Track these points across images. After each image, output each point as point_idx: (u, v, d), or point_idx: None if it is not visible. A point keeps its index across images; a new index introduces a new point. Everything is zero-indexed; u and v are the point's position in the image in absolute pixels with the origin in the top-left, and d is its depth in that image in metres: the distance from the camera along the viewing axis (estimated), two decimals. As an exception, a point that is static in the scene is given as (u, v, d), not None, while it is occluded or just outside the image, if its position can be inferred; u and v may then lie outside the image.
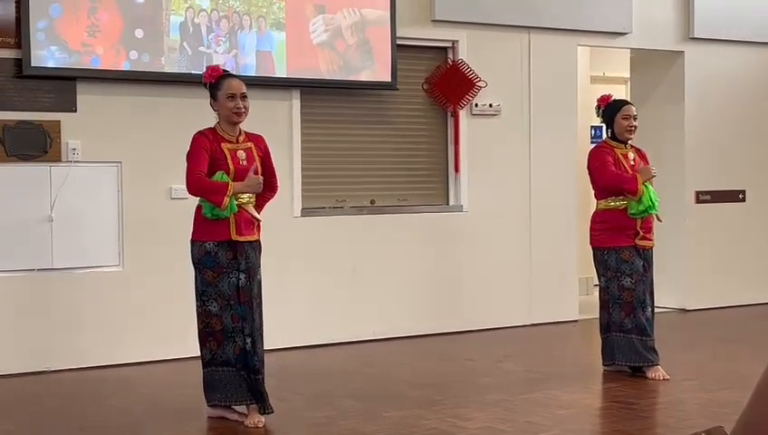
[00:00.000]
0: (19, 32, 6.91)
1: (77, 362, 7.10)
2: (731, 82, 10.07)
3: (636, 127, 6.82)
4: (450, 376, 6.90)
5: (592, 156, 6.82)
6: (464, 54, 8.67)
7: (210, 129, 5.56)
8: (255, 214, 5.53)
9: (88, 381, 6.80)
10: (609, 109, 6.84)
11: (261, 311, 5.53)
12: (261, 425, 5.39)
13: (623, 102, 6.96)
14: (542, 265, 9.01)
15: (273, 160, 5.79)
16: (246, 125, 7.76)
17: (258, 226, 5.58)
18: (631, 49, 9.98)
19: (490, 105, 8.80)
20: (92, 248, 7.22)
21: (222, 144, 5.47)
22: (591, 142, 11.32)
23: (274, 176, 5.79)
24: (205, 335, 5.50)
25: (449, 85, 8.62)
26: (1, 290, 6.95)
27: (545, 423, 5.43)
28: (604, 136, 7.04)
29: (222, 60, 7.53)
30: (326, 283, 8.08)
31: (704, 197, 9.94)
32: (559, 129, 9.13)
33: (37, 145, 7.04)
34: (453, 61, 8.68)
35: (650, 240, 6.77)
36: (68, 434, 5.35)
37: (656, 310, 9.00)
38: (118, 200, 7.30)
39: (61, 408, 6.03)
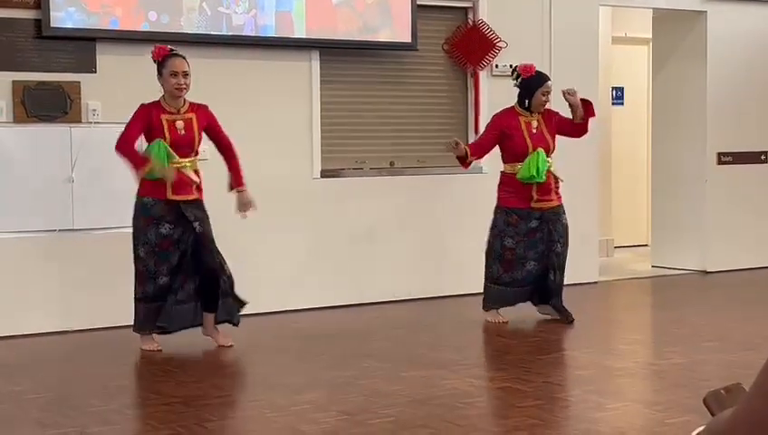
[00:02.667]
0: (38, -8, 6.90)
1: (98, 322, 7.14)
2: (753, 41, 9.96)
3: (548, 102, 7.27)
4: (469, 337, 6.92)
5: (495, 120, 7.31)
6: (484, 15, 8.60)
7: (155, 101, 6.25)
8: (194, 177, 6.24)
9: (109, 340, 6.84)
10: (532, 81, 7.16)
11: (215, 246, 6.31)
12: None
13: (545, 78, 7.26)
14: (561, 227, 8.97)
15: (220, 125, 6.46)
16: (265, 86, 7.76)
17: (198, 187, 6.27)
18: (653, 9, 9.88)
19: (510, 66, 8.72)
20: (113, 209, 7.24)
21: (162, 115, 6.17)
22: (612, 103, 11.26)
23: (225, 138, 6.47)
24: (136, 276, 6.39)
25: (469, 46, 8.57)
26: (22, 250, 6.99)
27: (564, 384, 5.45)
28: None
29: (241, 20, 7.51)
30: (345, 244, 8.08)
31: (725, 158, 9.87)
32: (580, 89, 9.03)
33: (57, 106, 7.05)
34: (473, 21, 8.62)
35: (550, 200, 7.17)
36: (90, 394, 5.40)
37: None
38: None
39: (82, 367, 6.08)
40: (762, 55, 10.01)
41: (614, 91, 11.39)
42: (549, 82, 7.25)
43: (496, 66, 8.67)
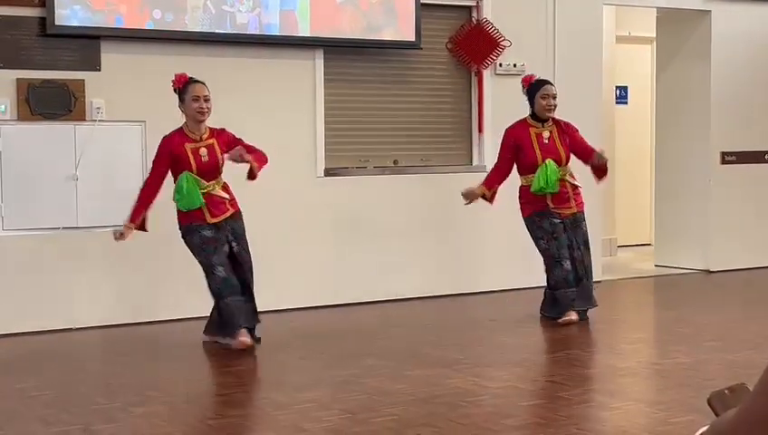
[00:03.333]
0: (43, -10, 6.91)
1: (103, 319, 7.15)
2: (758, 41, 9.96)
3: (555, 105, 7.21)
4: (473, 336, 6.92)
5: (506, 134, 7.36)
6: (488, 13, 8.60)
7: (177, 130, 6.36)
8: (223, 194, 6.40)
9: (113, 337, 6.86)
10: (531, 88, 7.22)
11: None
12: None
13: (543, 82, 7.27)
14: (565, 226, 8.96)
15: (239, 139, 6.54)
16: (269, 85, 7.76)
17: (231, 201, 6.45)
18: (657, 8, 9.87)
19: (514, 65, 8.74)
20: (117, 207, 7.24)
21: (186, 144, 6.31)
22: (616, 103, 11.26)
23: (251, 148, 6.50)
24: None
25: (473, 45, 8.57)
26: (27, 248, 7.00)
27: (567, 383, 5.45)
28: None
29: (245, 19, 7.52)
30: (349, 242, 8.09)
31: (729, 158, 9.87)
32: (584, 89, 9.07)
33: (61, 104, 7.06)
34: (477, 20, 8.62)
35: (568, 208, 7.21)
36: (94, 391, 5.41)
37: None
38: (142, 159, 7.31)
39: (86, 365, 6.09)
40: (766, 54, 10.00)
41: (618, 91, 11.39)
42: (548, 85, 7.27)
43: (500, 65, 8.67)
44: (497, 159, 7.46)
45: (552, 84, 7.33)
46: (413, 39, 8.19)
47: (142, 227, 6.44)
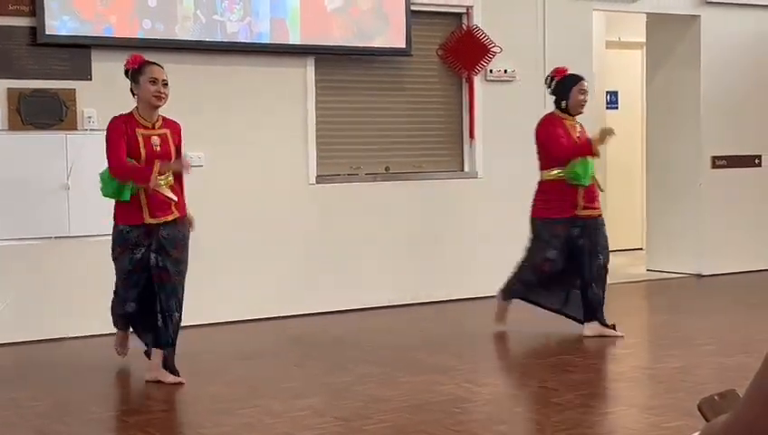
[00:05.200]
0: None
1: (95, 328, 7.14)
2: (747, 46, 9.99)
3: (587, 102, 6.98)
4: (465, 342, 6.92)
5: (543, 127, 6.95)
6: (478, 20, 8.63)
7: (126, 114, 5.77)
8: (170, 195, 5.74)
9: (106, 347, 6.84)
10: (566, 81, 6.91)
11: (177, 287, 5.81)
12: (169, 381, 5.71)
13: (579, 76, 6.99)
14: (557, 232, 8.98)
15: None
16: (260, 93, 7.77)
17: (178, 205, 5.80)
18: (647, 13, 9.90)
19: (505, 71, 8.76)
20: (109, 216, 7.22)
21: (137, 129, 5.70)
22: (607, 108, 11.29)
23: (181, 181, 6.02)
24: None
25: (464, 51, 8.59)
26: (19, 257, 6.99)
27: (560, 388, 5.45)
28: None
29: (236, 27, 7.52)
30: (341, 249, 8.09)
31: (720, 162, 9.90)
32: (574, 94, 9.08)
33: (53, 113, 7.05)
34: (467, 26, 8.64)
35: (595, 208, 6.90)
36: (89, 400, 5.40)
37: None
38: (133, 168, 7.30)
39: (80, 374, 6.08)
40: (755, 59, 10.04)
41: (608, 96, 11.42)
42: (584, 81, 7.01)
43: (491, 71, 8.69)
44: (557, 146, 6.89)
45: (585, 79, 7.08)
46: (404, 46, 8.20)
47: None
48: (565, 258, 6.86)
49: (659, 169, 10.09)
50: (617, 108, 11.67)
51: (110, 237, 5.86)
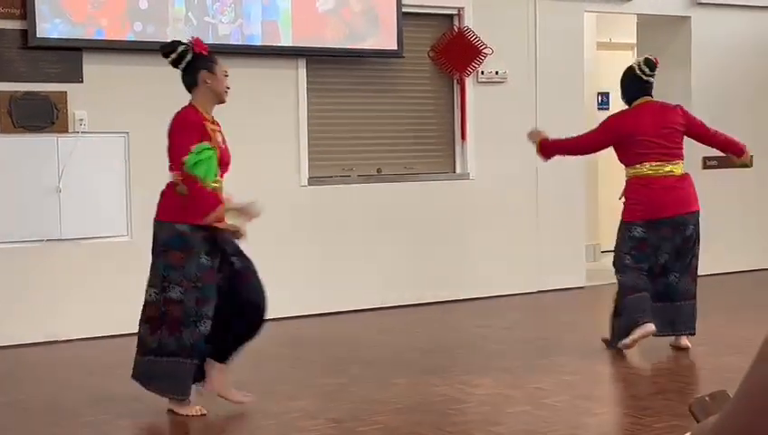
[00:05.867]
0: (24, 2, 6.90)
1: (87, 331, 7.13)
2: (738, 47, 10.02)
3: None
4: (459, 343, 6.93)
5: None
6: (470, 21, 8.64)
7: (189, 106, 5.17)
8: (228, 199, 5.25)
9: (97, 349, 6.84)
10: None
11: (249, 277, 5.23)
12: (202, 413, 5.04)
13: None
14: (549, 233, 9.01)
15: None
16: (252, 95, 7.77)
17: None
18: (638, 14, 9.93)
19: (496, 72, 8.77)
20: (101, 218, 7.24)
21: (205, 123, 5.09)
22: (598, 109, 11.30)
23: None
24: (157, 322, 5.03)
25: (455, 53, 8.60)
26: (11, 260, 6.98)
27: (553, 389, 5.47)
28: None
29: (227, 30, 7.52)
30: (334, 251, 8.09)
31: (711, 162, 9.91)
32: (565, 95, 9.11)
33: (44, 116, 7.04)
34: (459, 28, 8.65)
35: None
36: (82, 404, 5.39)
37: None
38: (125, 170, 7.31)
39: (72, 378, 6.08)
40: (745, 60, 10.07)
41: (600, 97, 11.43)
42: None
43: (482, 73, 8.70)
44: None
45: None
46: (395, 47, 8.21)
47: None
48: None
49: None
50: (608, 109, 11.67)
51: (169, 240, 5.04)
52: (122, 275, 7.26)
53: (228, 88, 5.20)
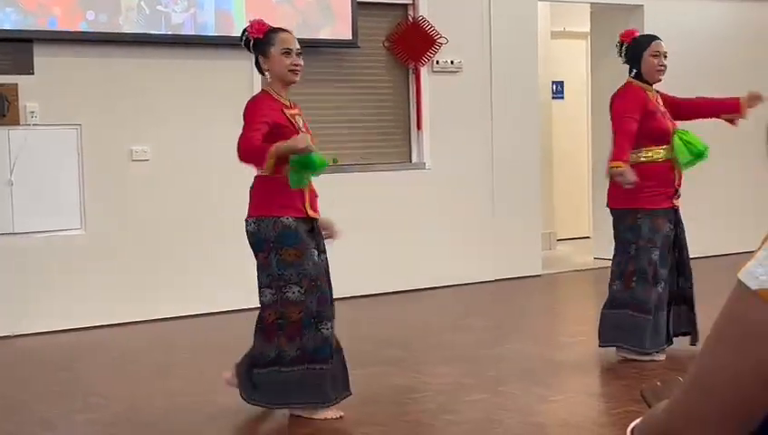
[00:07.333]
0: (-27, -7, 6.80)
1: (40, 326, 7.06)
2: (690, 36, 10.11)
3: (666, 67, 5.95)
4: (415, 333, 6.94)
5: (621, 98, 5.96)
6: (424, 11, 8.64)
7: (263, 93, 4.87)
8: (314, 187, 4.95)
9: (52, 344, 6.77)
10: (636, 46, 5.95)
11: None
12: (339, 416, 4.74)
13: (652, 38, 6.04)
14: (505, 221, 9.05)
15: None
16: (206, 85, 7.72)
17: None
18: (591, 3, 9.98)
19: (451, 62, 8.79)
20: (54, 212, 7.16)
21: (284, 110, 4.76)
22: (553, 98, 11.36)
23: None
24: (275, 328, 4.70)
25: (410, 42, 8.60)
26: (-38, 255, 6.89)
27: (509, 377, 5.50)
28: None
29: (180, 19, 7.47)
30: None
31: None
32: (520, 84, 9.15)
33: (-5, 108, 6.95)
34: (413, 18, 8.65)
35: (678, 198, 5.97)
36: (36, 399, 5.34)
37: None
38: (78, 163, 7.24)
39: (26, 372, 6.01)
40: (699, 49, 10.16)
41: (554, 86, 11.50)
42: (659, 40, 5.98)
43: (437, 62, 8.71)
44: (622, 126, 5.79)
45: (662, 40, 6.01)
46: (350, 37, 8.19)
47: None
48: (661, 263, 5.75)
49: (605, 158, 10.14)
50: (562, 97, 11.76)
51: (252, 238, 4.78)
52: (77, 268, 7.20)
53: (296, 66, 4.78)
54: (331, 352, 4.65)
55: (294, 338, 4.62)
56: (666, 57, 5.95)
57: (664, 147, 5.78)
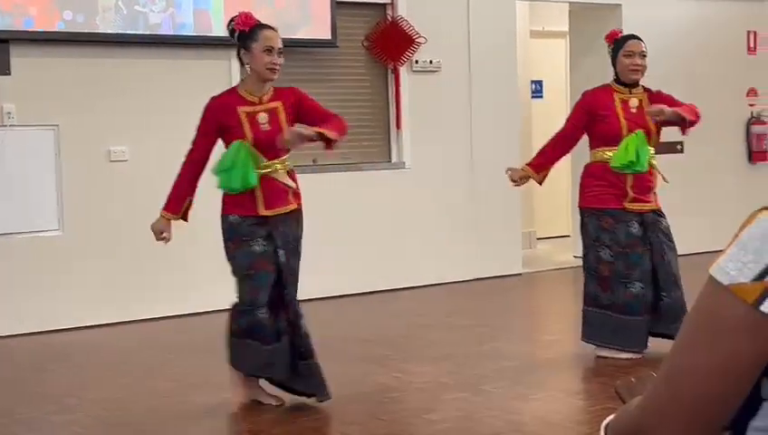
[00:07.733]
0: (-52, -7, 6.76)
1: (18, 327, 7.02)
2: (668, 35, 10.15)
3: (642, 66, 5.94)
4: (397, 332, 6.94)
5: (581, 98, 6.17)
6: (403, 11, 8.64)
7: (229, 90, 5.09)
8: (289, 182, 5.05)
9: (30, 347, 6.74)
10: (614, 46, 5.99)
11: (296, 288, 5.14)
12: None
13: (627, 37, 6.03)
14: (485, 220, 9.06)
15: (312, 100, 5.32)
16: (183, 85, 7.69)
17: (295, 192, 5.15)
18: (570, 3, 10.01)
19: (430, 62, 8.79)
20: (31, 213, 7.13)
21: (239, 108, 4.90)
22: (532, 97, 11.38)
23: (328, 115, 5.22)
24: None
25: (389, 42, 8.60)
26: (-61, 257, 6.85)
27: (490, 375, 5.50)
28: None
29: (158, 19, 7.44)
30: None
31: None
32: (499, 84, 9.16)
33: (-29, 109, 6.91)
34: (392, 17, 8.65)
35: (647, 202, 5.90)
36: (16, 401, 5.31)
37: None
38: (56, 164, 7.20)
39: (5, 374, 5.98)
40: (676, 47, 10.19)
41: (533, 85, 11.52)
42: (634, 40, 5.95)
43: (416, 62, 8.72)
44: (562, 127, 6.13)
45: (639, 40, 5.99)
46: (329, 37, 8.18)
47: (184, 216, 5.18)
48: (625, 264, 5.71)
49: (583, 157, 10.16)
50: (542, 97, 11.78)
51: (221, 233, 5.03)
52: (54, 269, 7.16)
53: (275, 64, 4.94)
54: (270, 334, 4.91)
55: (236, 320, 4.98)
56: (643, 57, 5.97)
57: (615, 148, 5.81)
